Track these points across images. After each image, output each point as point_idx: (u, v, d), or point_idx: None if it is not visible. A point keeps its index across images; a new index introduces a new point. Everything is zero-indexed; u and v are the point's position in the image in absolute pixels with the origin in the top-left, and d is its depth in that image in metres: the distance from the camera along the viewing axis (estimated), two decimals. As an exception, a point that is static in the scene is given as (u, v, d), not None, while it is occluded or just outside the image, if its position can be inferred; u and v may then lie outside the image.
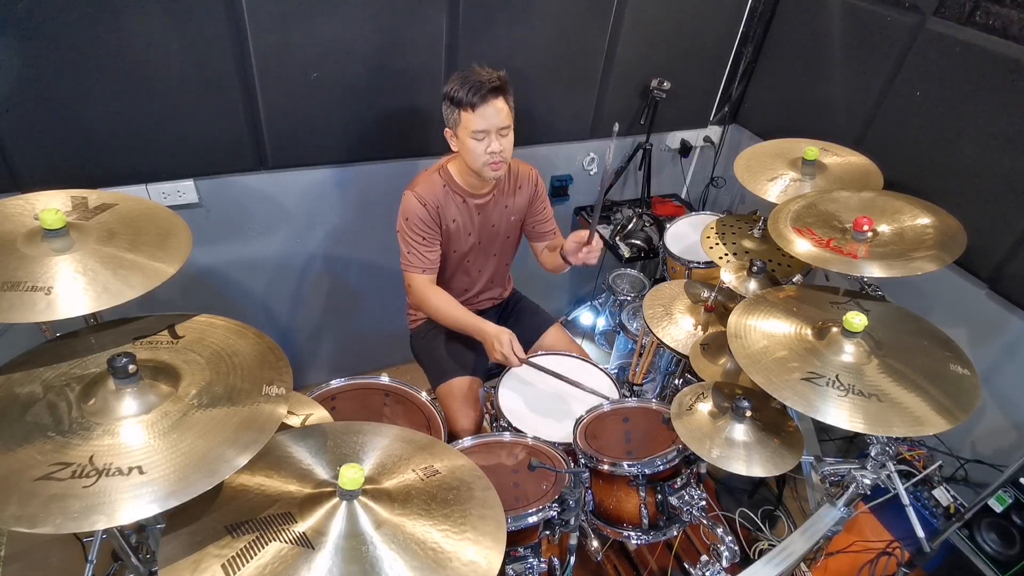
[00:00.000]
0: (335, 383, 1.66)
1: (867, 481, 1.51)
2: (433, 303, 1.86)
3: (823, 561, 1.95)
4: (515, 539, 1.42)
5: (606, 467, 1.52)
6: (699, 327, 1.86)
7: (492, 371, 2.08)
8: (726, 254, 2.00)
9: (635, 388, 2.37)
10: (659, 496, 1.56)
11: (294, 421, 1.39)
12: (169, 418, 1.02)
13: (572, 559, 1.52)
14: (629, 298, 2.70)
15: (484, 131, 1.66)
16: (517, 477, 1.60)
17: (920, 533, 1.58)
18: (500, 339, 1.74)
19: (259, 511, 1.01)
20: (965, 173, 2.00)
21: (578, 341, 2.36)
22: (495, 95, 1.64)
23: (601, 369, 1.92)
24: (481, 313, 2.11)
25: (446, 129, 1.74)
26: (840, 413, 1.26)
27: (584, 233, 1.78)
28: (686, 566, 1.55)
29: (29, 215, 1.26)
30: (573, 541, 1.51)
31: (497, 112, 1.66)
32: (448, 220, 1.84)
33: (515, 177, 1.93)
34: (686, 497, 1.55)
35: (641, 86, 2.61)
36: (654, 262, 2.78)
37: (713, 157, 2.99)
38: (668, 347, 1.83)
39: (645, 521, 1.56)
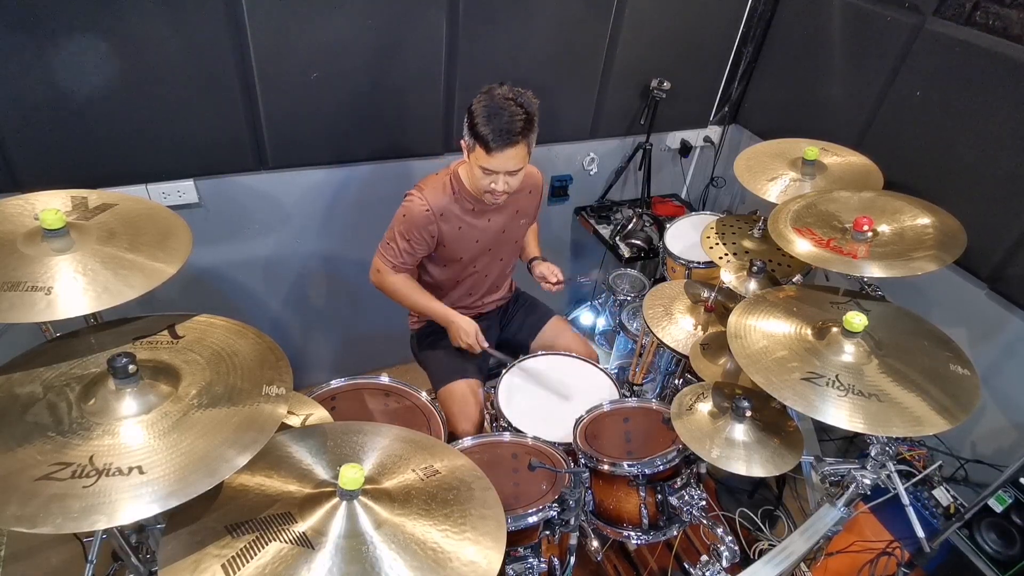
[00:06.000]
0: (335, 383, 1.67)
1: (867, 481, 1.51)
2: (396, 287, 1.87)
3: (823, 561, 1.95)
4: (515, 539, 1.42)
5: (606, 467, 1.52)
6: (699, 327, 1.86)
7: (492, 372, 2.08)
8: (726, 254, 2.00)
9: (635, 388, 2.37)
10: (659, 496, 1.56)
11: (294, 421, 1.39)
12: (169, 418, 1.02)
13: (572, 559, 1.52)
14: (629, 298, 2.70)
15: (494, 172, 1.64)
16: (517, 477, 1.60)
17: (920, 533, 1.58)
18: (467, 330, 1.86)
19: (259, 511, 1.01)
20: (965, 173, 2.00)
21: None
22: (515, 144, 1.59)
23: (601, 369, 1.92)
24: (485, 315, 2.11)
25: (461, 140, 1.70)
26: (840, 413, 1.26)
27: (555, 277, 1.97)
28: (686, 566, 1.55)
29: (29, 215, 1.26)
30: (573, 541, 1.51)
31: (511, 159, 1.61)
32: (452, 227, 1.81)
33: (526, 182, 1.87)
34: (686, 497, 1.55)
35: (641, 86, 2.60)
36: (654, 262, 2.77)
37: (713, 157, 2.99)
38: (668, 347, 1.83)
39: (645, 521, 1.56)
